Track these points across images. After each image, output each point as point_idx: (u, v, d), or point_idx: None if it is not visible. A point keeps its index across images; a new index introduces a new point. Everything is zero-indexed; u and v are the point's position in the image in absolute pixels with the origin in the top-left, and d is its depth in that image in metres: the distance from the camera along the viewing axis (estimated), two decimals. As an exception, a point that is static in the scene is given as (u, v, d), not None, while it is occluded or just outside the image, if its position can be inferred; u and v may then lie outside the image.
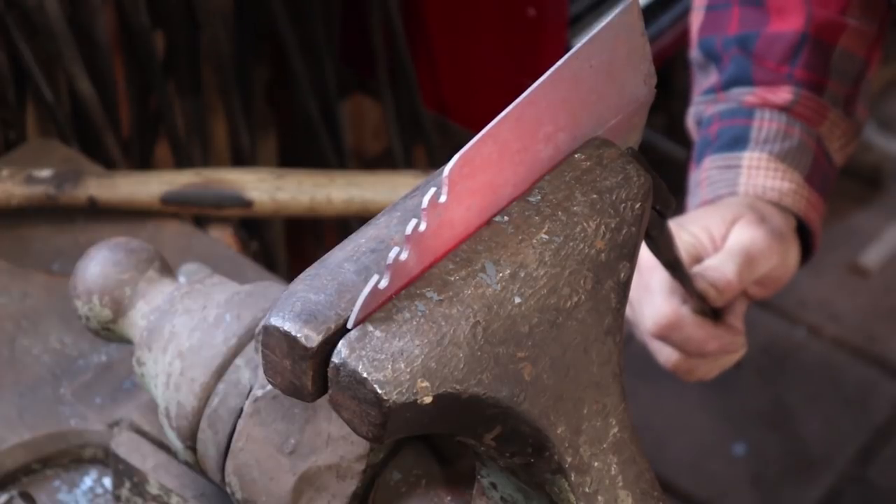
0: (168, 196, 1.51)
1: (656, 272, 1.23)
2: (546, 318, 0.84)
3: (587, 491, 0.87)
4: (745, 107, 1.40)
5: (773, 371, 2.66)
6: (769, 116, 1.38)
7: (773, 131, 1.37)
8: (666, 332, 1.25)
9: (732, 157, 1.37)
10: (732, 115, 1.40)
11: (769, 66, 1.40)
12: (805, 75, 1.39)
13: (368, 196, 1.55)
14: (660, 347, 1.28)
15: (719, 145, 1.39)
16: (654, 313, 1.25)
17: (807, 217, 1.35)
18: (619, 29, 0.89)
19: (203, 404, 1.07)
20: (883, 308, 2.78)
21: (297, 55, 2.08)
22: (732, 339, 1.27)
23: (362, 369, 0.78)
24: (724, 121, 1.40)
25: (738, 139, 1.38)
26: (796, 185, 1.35)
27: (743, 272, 1.25)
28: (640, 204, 0.90)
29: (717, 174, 1.37)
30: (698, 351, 1.26)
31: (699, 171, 1.40)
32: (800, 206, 1.35)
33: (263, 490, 1.04)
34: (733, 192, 1.35)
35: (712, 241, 1.29)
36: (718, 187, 1.37)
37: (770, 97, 1.39)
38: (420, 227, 0.79)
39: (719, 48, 1.43)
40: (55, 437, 1.25)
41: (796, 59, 1.40)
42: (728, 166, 1.37)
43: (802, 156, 1.37)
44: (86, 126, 1.83)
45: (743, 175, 1.36)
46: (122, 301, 1.13)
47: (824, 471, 2.50)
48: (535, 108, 0.85)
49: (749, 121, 1.39)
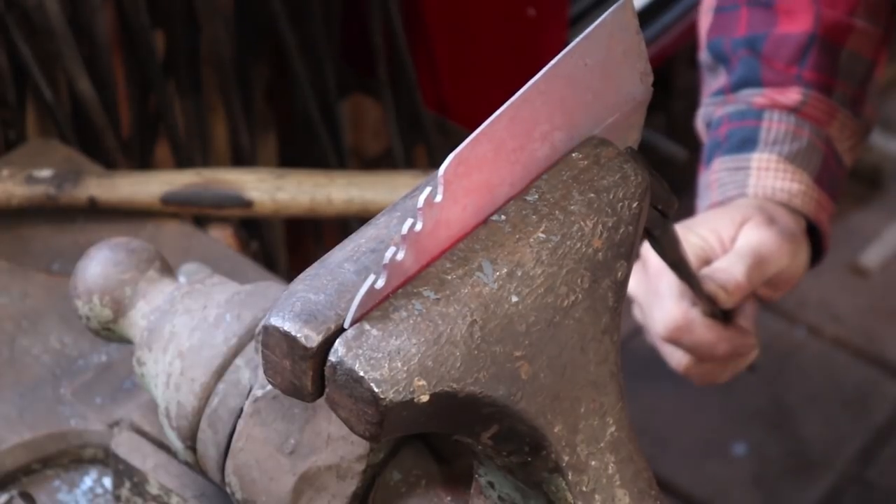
0: (168, 196, 1.51)
1: (665, 275, 1.23)
2: (543, 316, 0.84)
3: (584, 490, 0.87)
4: (754, 108, 1.40)
5: (773, 371, 2.66)
6: (778, 118, 1.38)
7: (781, 132, 1.37)
8: (676, 335, 1.25)
9: (742, 158, 1.37)
10: (742, 117, 1.40)
11: (778, 67, 1.40)
12: (814, 76, 1.39)
13: (368, 196, 1.55)
14: (671, 351, 1.28)
15: (729, 147, 1.39)
16: (663, 317, 1.25)
17: (816, 218, 1.35)
18: (614, 27, 0.89)
19: (203, 404, 1.07)
20: (883, 308, 2.78)
21: (297, 55, 2.08)
22: (743, 342, 1.27)
23: (359, 368, 0.78)
24: (734, 122, 1.40)
25: (748, 140, 1.38)
26: (805, 187, 1.35)
27: (752, 273, 1.25)
28: (637, 203, 0.90)
29: (726, 176, 1.37)
30: (709, 354, 1.26)
31: (709, 172, 1.40)
32: (809, 208, 1.35)
33: (263, 490, 1.05)
34: (743, 193, 1.35)
35: (721, 243, 1.29)
36: (728, 189, 1.37)
37: (779, 98, 1.39)
38: (416, 227, 0.79)
39: (728, 50, 1.43)
40: (55, 437, 1.25)
41: (805, 59, 1.40)
42: (738, 168, 1.37)
43: (812, 157, 1.37)
44: (86, 126, 1.84)
45: (752, 176, 1.36)
46: (123, 301, 1.13)
47: (824, 471, 2.50)
48: (531, 106, 0.85)
49: (758, 122, 1.39)
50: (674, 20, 2.34)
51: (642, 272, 1.27)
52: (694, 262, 1.23)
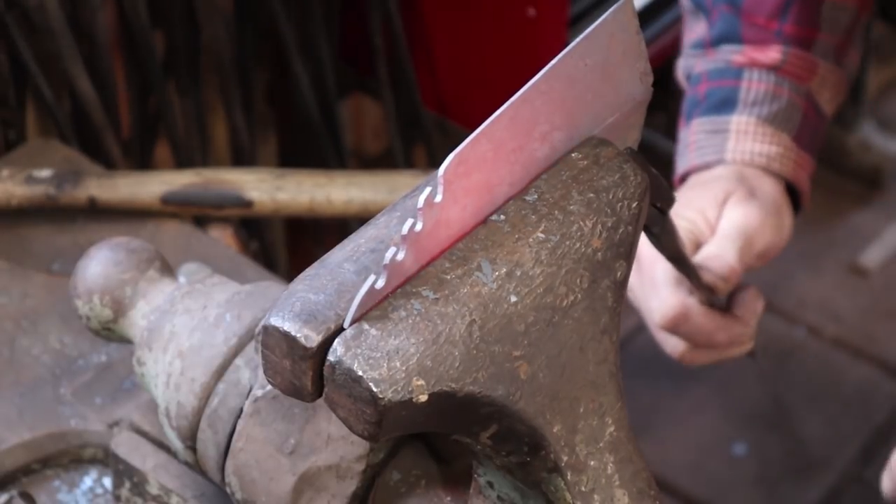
0: (168, 196, 1.51)
1: (658, 263, 1.23)
2: (542, 316, 0.84)
3: (583, 490, 0.87)
4: (733, 67, 1.40)
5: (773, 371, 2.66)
6: (758, 77, 1.39)
7: (761, 93, 1.38)
8: (674, 324, 1.25)
9: (720, 120, 1.38)
10: (721, 76, 1.40)
11: (758, 23, 1.40)
12: (794, 30, 1.39)
13: (368, 196, 1.55)
14: (666, 338, 1.29)
15: (707, 107, 1.39)
16: (661, 306, 1.25)
17: (795, 178, 1.36)
18: (614, 27, 0.89)
19: (203, 404, 1.07)
20: (883, 308, 2.78)
21: (297, 55, 2.09)
22: (742, 331, 1.29)
23: (357, 367, 0.78)
24: (713, 81, 1.41)
25: (727, 101, 1.38)
26: (784, 149, 1.36)
27: (743, 254, 1.27)
28: (636, 203, 0.90)
29: (704, 139, 1.38)
30: (707, 342, 1.27)
31: (688, 131, 1.40)
32: (787, 170, 1.36)
33: (263, 490, 1.05)
34: (721, 159, 1.36)
35: (708, 224, 1.30)
36: (706, 153, 1.37)
37: (758, 57, 1.39)
38: (416, 227, 0.79)
39: (708, 1, 1.43)
40: (55, 437, 1.25)
41: (786, 14, 1.39)
42: (716, 131, 1.38)
43: (791, 116, 1.38)
44: (86, 126, 1.84)
45: (731, 140, 1.37)
46: (123, 301, 1.13)
47: (824, 471, 2.50)
48: (530, 106, 0.85)
49: (737, 82, 1.39)
50: (674, 20, 2.34)
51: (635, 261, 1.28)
52: (686, 246, 1.24)
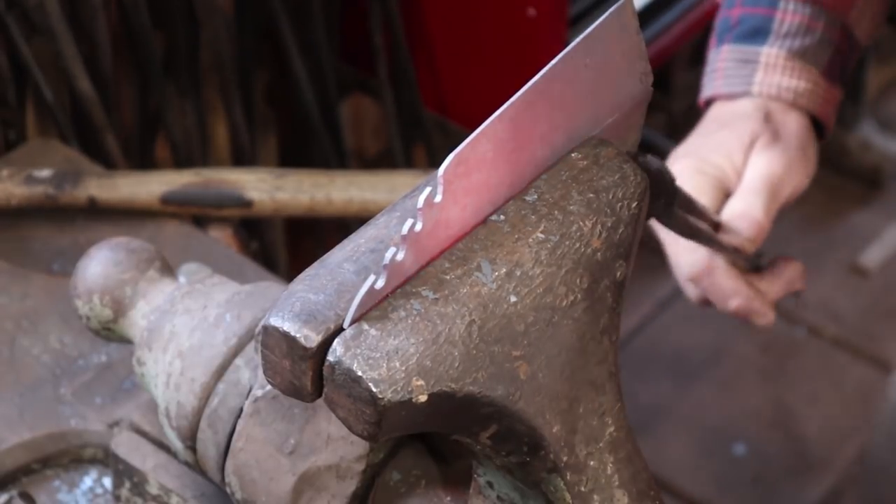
0: (168, 196, 1.51)
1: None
2: (542, 316, 0.84)
3: (583, 490, 0.87)
4: None
5: (773, 371, 2.66)
6: (793, 8, 1.37)
7: (794, 25, 1.36)
8: (698, 277, 1.28)
9: (751, 51, 1.37)
10: (755, 2, 1.39)
11: None
12: None
13: (368, 196, 1.55)
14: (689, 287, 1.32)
15: (739, 34, 1.38)
16: (689, 259, 1.29)
17: (821, 114, 1.36)
18: (614, 28, 0.89)
19: (203, 404, 1.07)
20: (883, 308, 2.78)
21: (297, 55, 2.09)
22: (759, 307, 1.30)
23: (357, 367, 0.78)
24: (747, 7, 1.39)
25: (759, 31, 1.37)
26: (812, 84, 1.35)
27: (769, 207, 1.28)
28: (636, 203, 0.90)
29: (733, 67, 1.37)
30: (721, 302, 1.29)
31: (717, 56, 1.39)
32: (814, 105, 1.36)
33: (263, 490, 1.05)
34: (748, 90, 1.36)
35: (735, 171, 1.31)
36: (734, 83, 1.37)
37: None
38: (416, 227, 0.79)
39: None
40: (55, 437, 1.25)
41: None
42: (745, 60, 1.37)
43: (822, 51, 1.36)
44: (86, 126, 1.84)
45: (759, 73, 1.36)
46: (123, 301, 1.13)
47: (824, 471, 2.50)
48: (530, 107, 0.85)
49: (772, 11, 1.38)
50: (674, 20, 2.35)
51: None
52: (713, 195, 1.27)
